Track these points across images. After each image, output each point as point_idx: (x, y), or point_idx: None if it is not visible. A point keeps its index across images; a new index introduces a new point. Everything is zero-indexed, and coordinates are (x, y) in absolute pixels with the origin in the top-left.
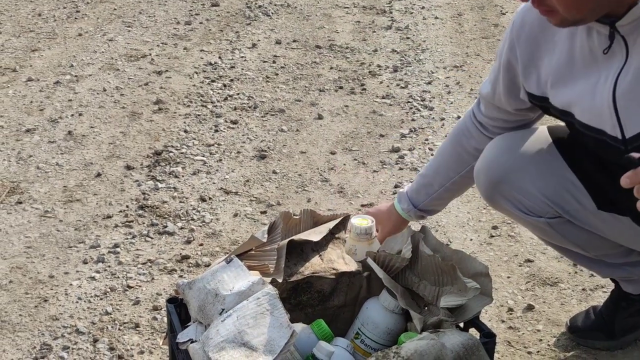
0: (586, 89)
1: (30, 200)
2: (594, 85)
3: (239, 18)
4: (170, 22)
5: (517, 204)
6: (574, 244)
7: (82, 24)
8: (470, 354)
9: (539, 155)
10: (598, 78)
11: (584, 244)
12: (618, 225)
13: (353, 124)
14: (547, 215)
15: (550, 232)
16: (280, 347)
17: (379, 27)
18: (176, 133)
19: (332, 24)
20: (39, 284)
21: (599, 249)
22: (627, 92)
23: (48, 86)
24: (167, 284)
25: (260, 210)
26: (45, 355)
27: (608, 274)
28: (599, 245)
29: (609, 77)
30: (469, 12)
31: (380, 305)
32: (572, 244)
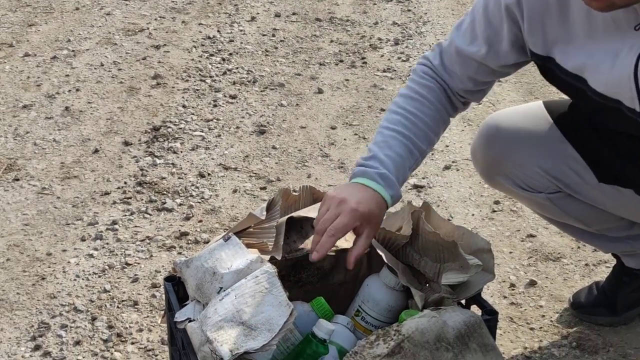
0: (605, 57)
1: (28, 177)
2: (615, 55)
3: None
4: None
5: (516, 181)
6: (575, 218)
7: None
8: (472, 331)
9: (537, 131)
10: (620, 49)
11: (585, 218)
12: (620, 198)
13: (354, 98)
14: (547, 190)
15: (550, 207)
16: (279, 325)
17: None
18: (174, 108)
19: None
20: (36, 261)
21: (601, 223)
22: None
23: (45, 61)
24: (165, 261)
25: (260, 186)
26: (43, 334)
27: (610, 249)
28: (600, 219)
29: (633, 50)
30: None
31: (380, 282)
32: (573, 219)
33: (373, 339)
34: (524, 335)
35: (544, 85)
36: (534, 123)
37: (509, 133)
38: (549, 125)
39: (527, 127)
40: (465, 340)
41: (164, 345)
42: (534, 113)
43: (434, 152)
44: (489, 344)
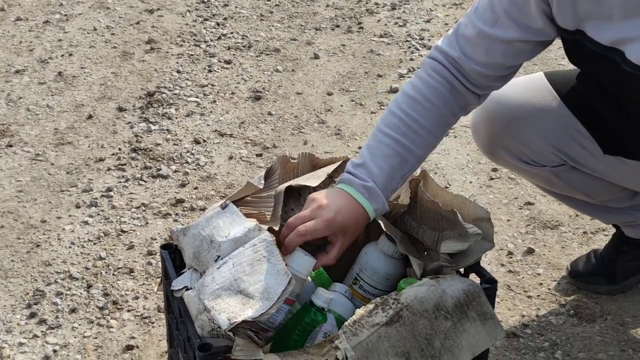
0: None
1: (21, 143)
2: None
3: None
4: None
5: (520, 155)
6: (578, 191)
7: None
8: (471, 300)
9: (540, 104)
10: None
11: (589, 190)
12: (625, 169)
13: (350, 63)
14: (552, 164)
15: (555, 180)
16: (277, 294)
17: None
18: (169, 73)
19: None
20: (31, 228)
21: (604, 194)
22: None
23: (37, 26)
24: (161, 228)
25: (256, 152)
26: (38, 302)
27: (612, 220)
28: (603, 190)
29: None
30: None
31: (379, 251)
32: (576, 191)
33: (372, 307)
34: (521, 303)
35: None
36: (536, 96)
37: (511, 107)
38: (552, 97)
39: (530, 100)
40: (464, 309)
41: (160, 313)
42: (536, 85)
43: None
44: (488, 313)
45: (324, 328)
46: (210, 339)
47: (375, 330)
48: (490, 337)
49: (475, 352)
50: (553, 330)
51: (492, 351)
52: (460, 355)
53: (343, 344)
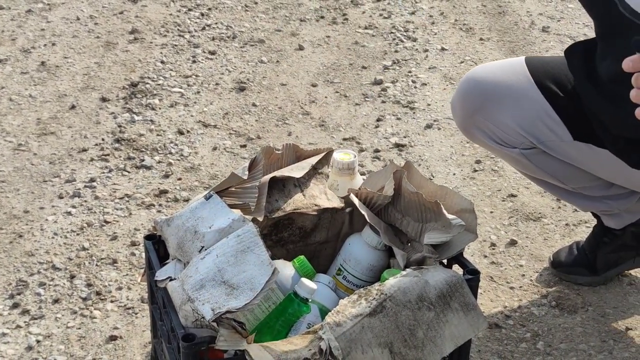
0: None
1: (4, 133)
2: None
3: None
4: None
5: (491, 135)
6: (550, 175)
7: None
8: (454, 290)
9: (515, 87)
10: None
11: (560, 175)
12: (595, 157)
13: (335, 55)
14: (521, 146)
15: (525, 163)
16: (261, 285)
17: None
18: (152, 64)
19: None
20: (13, 219)
21: (577, 181)
22: None
23: (20, 15)
24: (145, 219)
25: (240, 143)
26: (21, 292)
27: (588, 208)
28: (576, 177)
29: None
30: None
31: (362, 242)
32: (548, 176)
33: (355, 298)
34: (504, 294)
35: (526, 44)
36: (512, 78)
37: (486, 86)
38: (527, 80)
39: (505, 81)
40: (447, 300)
41: (144, 303)
42: (513, 69)
43: (415, 111)
44: (471, 303)
45: (307, 319)
46: (194, 329)
47: (359, 321)
48: (472, 327)
49: (458, 342)
50: (535, 321)
51: (475, 342)
52: (443, 345)
53: (327, 334)
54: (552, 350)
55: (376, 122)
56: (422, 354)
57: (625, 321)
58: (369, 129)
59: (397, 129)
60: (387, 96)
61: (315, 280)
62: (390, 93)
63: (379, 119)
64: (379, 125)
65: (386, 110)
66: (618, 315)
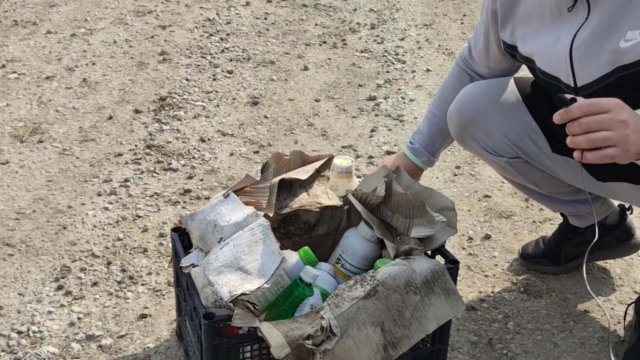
0: (549, 40)
1: (50, 140)
2: (557, 38)
3: None
4: None
5: (482, 144)
6: (530, 181)
7: None
8: (437, 277)
9: (504, 103)
10: (561, 31)
11: (539, 181)
12: (568, 168)
13: (335, 75)
14: (508, 155)
15: (510, 170)
16: (271, 271)
17: None
18: (179, 81)
19: None
20: (58, 213)
21: (552, 187)
22: (583, 46)
23: (65, 38)
24: (171, 214)
25: (253, 150)
26: (65, 276)
27: (558, 209)
28: (551, 184)
29: (570, 32)
30: None
31: (358, 235)
32: (528, 182)
33: (352, 283)
34: (479, 281)
35: None
36: (502, 95)
37: (479, 101)
38: (516, 98)
39: (496, 98)
40: (431, 285)
41: (170, 286)
42: (504, 86)
43: (404, 123)
44: (451, 289)
45: (310, 301)
46: (213, 309)
47: (355, 303)
48: (452, 309)
49: (440, 322)
50: (506, 304)
51: (454, 322)
52: (427, 324)
53: (327, 314)
54: (520, 330)
55: (370, 132)
56: (409, 331)
57: (584, 305)
58: (364, 138)
59: (388, 138)
60: (380, 110)
61: (317, 268)
62: (383, 107)
63: (373, 129)
64: (373, 135)
65: (379, 122)
66: (577, 300)
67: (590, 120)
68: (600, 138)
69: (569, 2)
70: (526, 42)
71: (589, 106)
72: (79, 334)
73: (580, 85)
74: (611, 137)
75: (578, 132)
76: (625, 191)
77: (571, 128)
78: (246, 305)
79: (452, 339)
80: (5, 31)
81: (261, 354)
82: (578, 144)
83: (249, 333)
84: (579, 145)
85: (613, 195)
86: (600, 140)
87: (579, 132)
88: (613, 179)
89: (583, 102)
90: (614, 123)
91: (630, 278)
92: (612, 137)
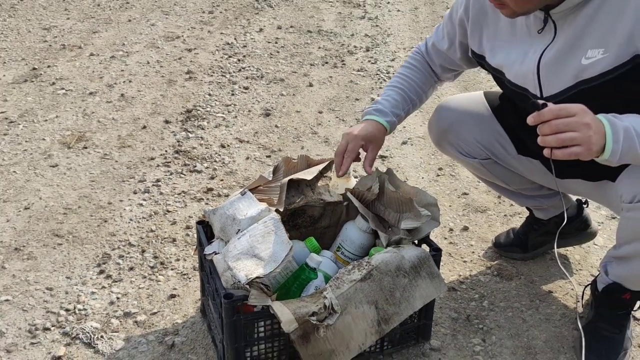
0: (518, 56)
1: (93, 146)
2: (525, 54)
3: (249, 9)
4: (197, 11)
5: (458, 148)
6: (500, 179)
7: (131, 12)
8: (423, 263)
9: (476, 113)
10: (529, 49)
11: (507, 179)
12: (531, 167)
13: (335, 90)
14: (480, 157)
15: (482, 170)
16: (282, 257)
17: (355, 17)
18: (202, 96)
19: (320, 14)
20: (100, 208)
21: (518, 184)
22: (549, 63)
23: (105, 60)
24: (196, 209)
25: (266, 154)
26: (105, 262)
27: (524, 203)
28: (518, 181)
29: (537, 50)
30: (422, 6)
31: (355, 227)
32: (498, 180)
33: (350, 267)
34: (458, 266)
35: (476, 83)
36: (474, 106)
37: (454, 112)
38: (485, 108)
39: (469, 108)
40: (418, 270)
41: (195, 271)
42: (475, 99)
43: (394, 132)
44: (435, 273)
45: (315, 283)
46: (232, 290)
47: (353, 285)
48: (436, 290)
49: (425, 301)
50: (482, 286)
51: (437, 301)
52: (414, 303)
53: (329, 294)
54: (494, 307)
55: None
56: (399, 309)
57: (548, 286)
58: None
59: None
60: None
61: (321, 255)
62: None
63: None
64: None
65: None
66: (542, 282)
67: (560, 123)
68: (568, 138)
69: (539, 25)
70: (495, 54)
71: (559, 110)
72: (118, 311)
73: (546, 95)
74: (577, 138)
75: (548, 133)
76: (580, 186)
77: (542, 129)
78: (260, 287)
79: (435, 315)
80: (55, 54)
81: (273, 329)
82: (548, 143)
83: (262, 310)
84: (549, 144)
85: (571, 190)
86: (567, 139)
87: (549, 132)
88: (570, 176)
89: (553, 107)
90: (579, 125)
91: (588, 263)
92: (577, 138)
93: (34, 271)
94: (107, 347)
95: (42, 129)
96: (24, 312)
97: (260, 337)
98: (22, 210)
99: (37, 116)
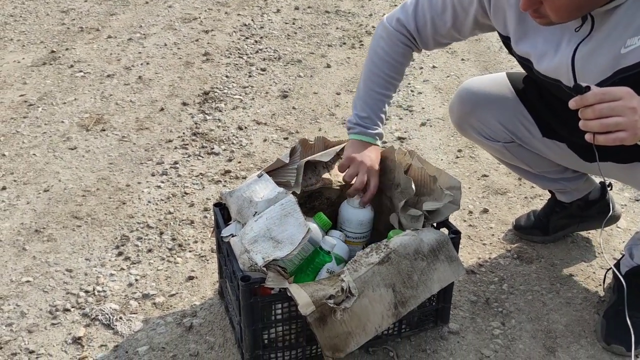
0: (549, 48)
1: (111, 128)
2: (556, 47)
3: None
4: None
5: (480, 131)
6: (523, 162)
7: None
8: (441, 246)
9: (500, 95)
10: (561, 41)
11: (530, 162)
12: (557, 150)
13: (353, 71)
14: (503, 140)
15: (505, 153)
16: (298, 240)
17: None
18: (220, 78)
19: None
20: (118, 190)
21: (542, 167)
22: (585, 57)
23: (123, 42)
24: (214, 191)
25: (283, 136)
26: (124, 244)
27: (547, 186)
28: (541, 164)
29: (572, 43)
30: None
31: (348, 205)
32: (521, 163)
33: (368, 250)
34: (478, 249)
35: (496, 63)
36: (497, 88)
37: (477, 94)
38: (509, 90)
39: (492, 91)
40: (436, 253)
41: (213, 253)
42: (498, 81)
43: (413, 113)
44: (453, 256)
45: (327, 266)
46: (249, 272)
47: (370, 268)
48: (454, 274)
49: (443, 285)
50: (501, 269)
51: (456, 284)
52: (432, 287)
53: (347, 277)
54: (514, 291)
55: None
56: (417, 292)
57: (569, 269)
58: None
59: (399, 126)
60: (392, 101)
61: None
62: (394, 99)
63: (386, 118)
64: (386, 123)
65: (391, 112)
66: (563, 265)
67: (604, 107)
68: (613, 123)
69: (577, 23)
70: (519, 41)
71: (603, 94)
72: (137, 293)
73: None
74: (622, 123)
75: (591, 117)
76: (609, 169)
77: (585, 113)
78: (277, 270)
79: (454, 298)
80: (73, 36)
81: (290, 311)
82: (591, 128)
83: (279, 293)
84: (591, 129)
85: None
86: (612, 125)
87: (592, 117)
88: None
89: (597, 91)
90: (625, 110)
91: (610, 246)
92: (623, 123)
93: (53, 253)
94: (126, 328)
95: (60, 112)
96: (45, 293)
97: (278, 319)
98: (42, 192)
99: (56, 99)
